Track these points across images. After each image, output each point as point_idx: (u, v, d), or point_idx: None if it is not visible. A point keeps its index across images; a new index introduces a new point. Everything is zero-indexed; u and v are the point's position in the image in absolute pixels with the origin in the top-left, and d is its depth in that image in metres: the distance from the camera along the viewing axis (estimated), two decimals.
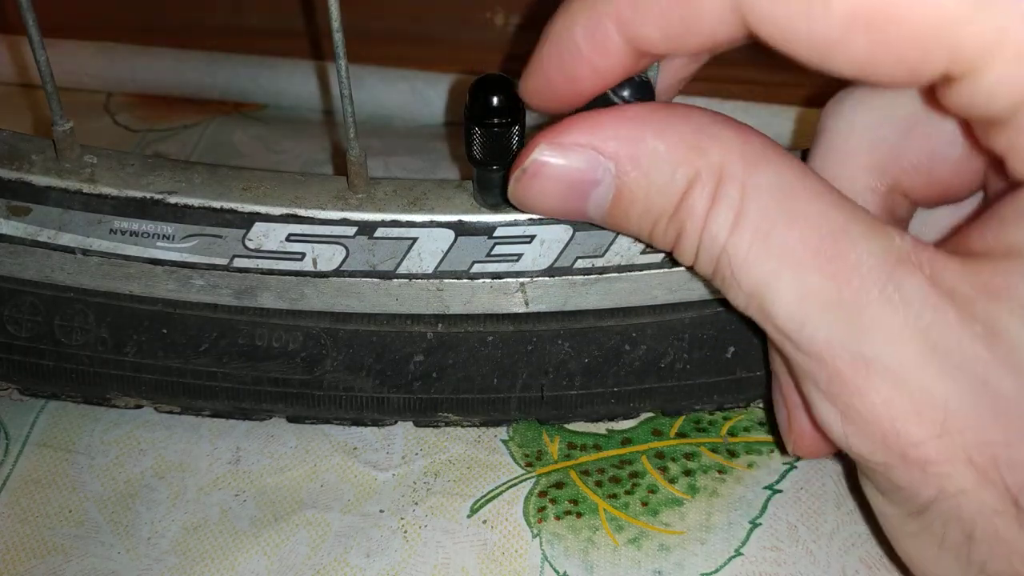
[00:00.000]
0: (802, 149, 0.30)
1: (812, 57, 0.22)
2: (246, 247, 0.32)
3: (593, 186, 0.25)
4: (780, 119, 0.52)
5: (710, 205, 0.24)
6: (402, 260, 0.32)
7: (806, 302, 0.23)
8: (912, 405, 0.22)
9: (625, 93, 0.26)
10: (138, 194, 0.31)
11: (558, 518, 0.34)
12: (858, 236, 0.23)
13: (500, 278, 0.32)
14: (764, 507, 0.34)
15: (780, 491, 0.34)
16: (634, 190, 0.25)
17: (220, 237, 0.32)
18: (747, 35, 0.23)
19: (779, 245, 0.23)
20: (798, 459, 0.35)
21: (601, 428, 0.37)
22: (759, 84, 0.52)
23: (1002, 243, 0.23)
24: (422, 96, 0.55)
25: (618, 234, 0.31)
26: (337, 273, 0.32)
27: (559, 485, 0.35)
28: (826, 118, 0.27)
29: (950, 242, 0.24)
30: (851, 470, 0.35)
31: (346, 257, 0.32)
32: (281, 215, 0.31)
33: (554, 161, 0.25)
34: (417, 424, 0.37)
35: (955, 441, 0.22)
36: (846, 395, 0.23)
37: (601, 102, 0.26)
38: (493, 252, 0.32)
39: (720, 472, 0.35)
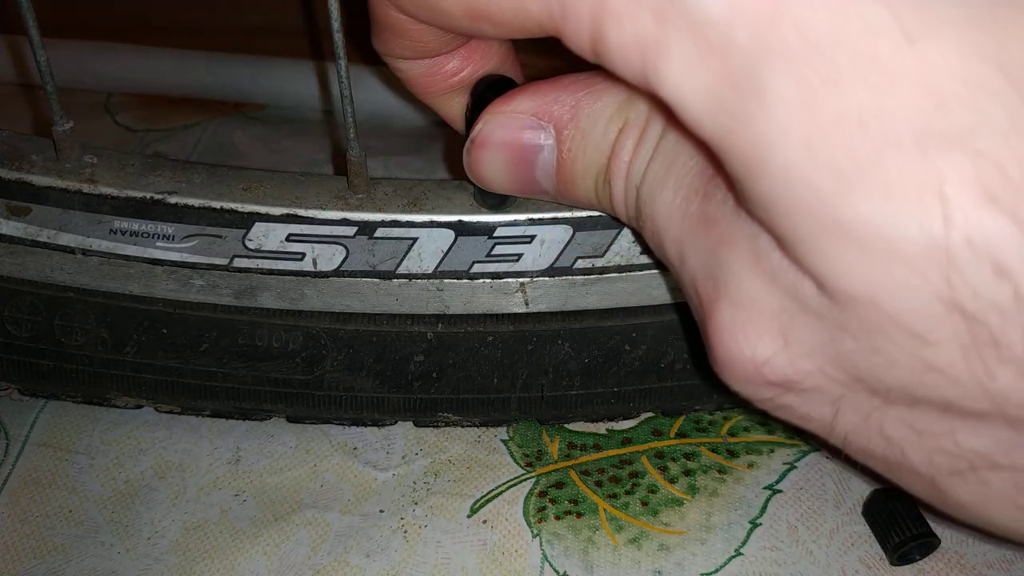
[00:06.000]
0: None
1: None
2: (246, 247, 0.32)
3: (536, 152, 0.25)
4: None
5: (635, 147, 0.24)
6: (402, 260, 0.32)
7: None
8: (755, 322, 0.20)
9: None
10: (138, 194, 0.31)
11: (558, 518, 0.34)
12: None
13: (500, 278, 0.32)
14: (764, 507, 0.34)
15: (780, 491, 0.34)
16: (572, 149, 0.24)
17: (220, 237, 0.32)
18: None
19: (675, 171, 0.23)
20: (797, 460, 0.35)
21: (601, 428, 0.37)
22: None
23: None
24: None
25: (618, 234, 0.31)
26: (337, 273, 0.32)
27: (559, 485, 0.35)
28: None
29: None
30: (849, 470, 0.35)
31: (346, 257, 0.32)
32: (281, 215, 0.31)
33: (498, 129, 0.25)
34: (417, 424, 0.37)
35: (801, 350, 0.20)
36: (717, 331, 0.21)
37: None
38: (493, 252, 0.32)
39: (720, 472, 0.35)
